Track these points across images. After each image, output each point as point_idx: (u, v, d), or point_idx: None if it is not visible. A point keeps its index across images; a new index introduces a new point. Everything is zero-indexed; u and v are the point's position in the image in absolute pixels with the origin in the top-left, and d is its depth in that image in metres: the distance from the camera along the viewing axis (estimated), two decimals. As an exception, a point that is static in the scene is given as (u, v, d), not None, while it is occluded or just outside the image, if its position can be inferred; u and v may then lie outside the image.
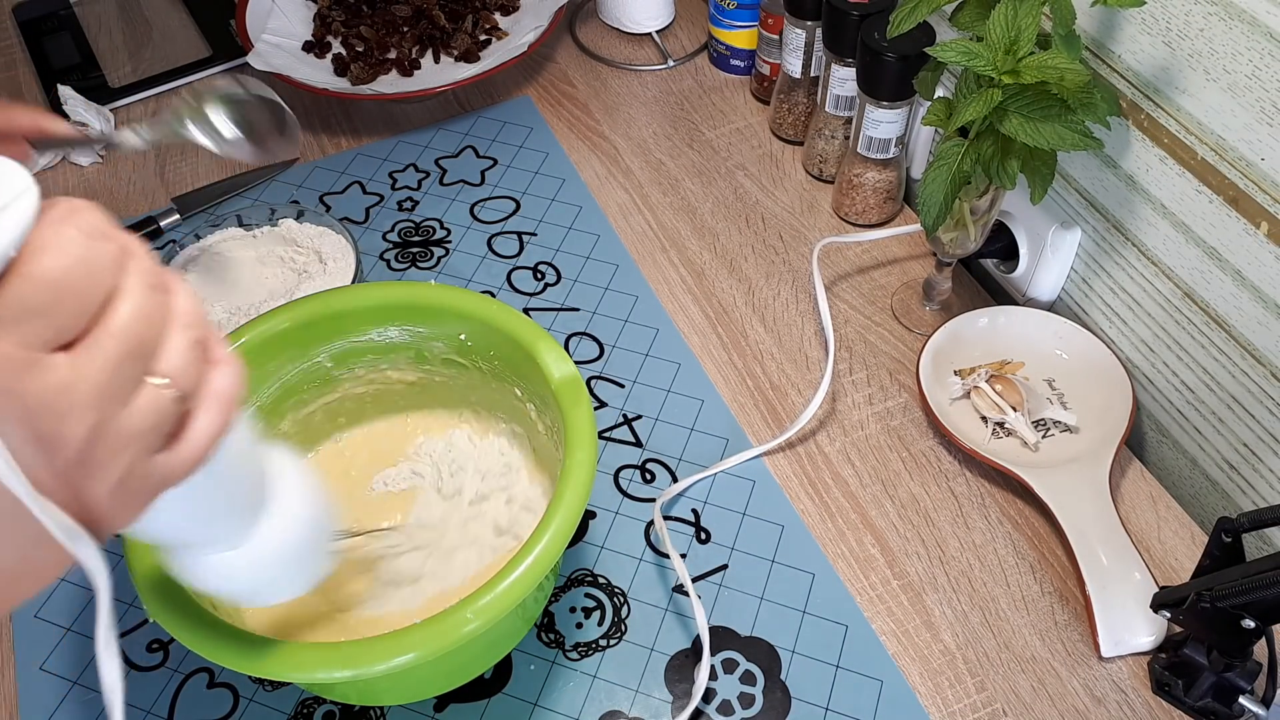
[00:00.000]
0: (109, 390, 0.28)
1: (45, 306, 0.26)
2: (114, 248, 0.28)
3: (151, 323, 0.29)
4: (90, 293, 0.27)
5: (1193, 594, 0.52)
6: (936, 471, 0.68)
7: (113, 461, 0.29)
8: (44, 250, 0.26)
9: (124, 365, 0.28)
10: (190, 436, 0.32)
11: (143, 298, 0.29)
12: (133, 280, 0.29)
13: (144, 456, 0.30)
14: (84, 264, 0.27)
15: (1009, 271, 0.76)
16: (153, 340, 0.29)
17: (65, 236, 0.27)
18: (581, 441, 0.53)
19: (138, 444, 0.29)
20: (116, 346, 0.28)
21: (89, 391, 0.27)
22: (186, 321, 0.31)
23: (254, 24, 0.95)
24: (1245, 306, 0.61)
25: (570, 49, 1.02)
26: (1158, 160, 0.63)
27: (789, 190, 0.87)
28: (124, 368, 0.28)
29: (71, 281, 0.27)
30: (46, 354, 0.26)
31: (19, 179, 0.26)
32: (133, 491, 0.30)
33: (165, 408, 0.30)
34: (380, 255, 0.83)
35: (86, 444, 0.28)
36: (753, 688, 0.59)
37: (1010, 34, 0.56)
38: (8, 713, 0.59)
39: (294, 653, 0.47)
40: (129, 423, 0.29)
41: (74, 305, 0.27)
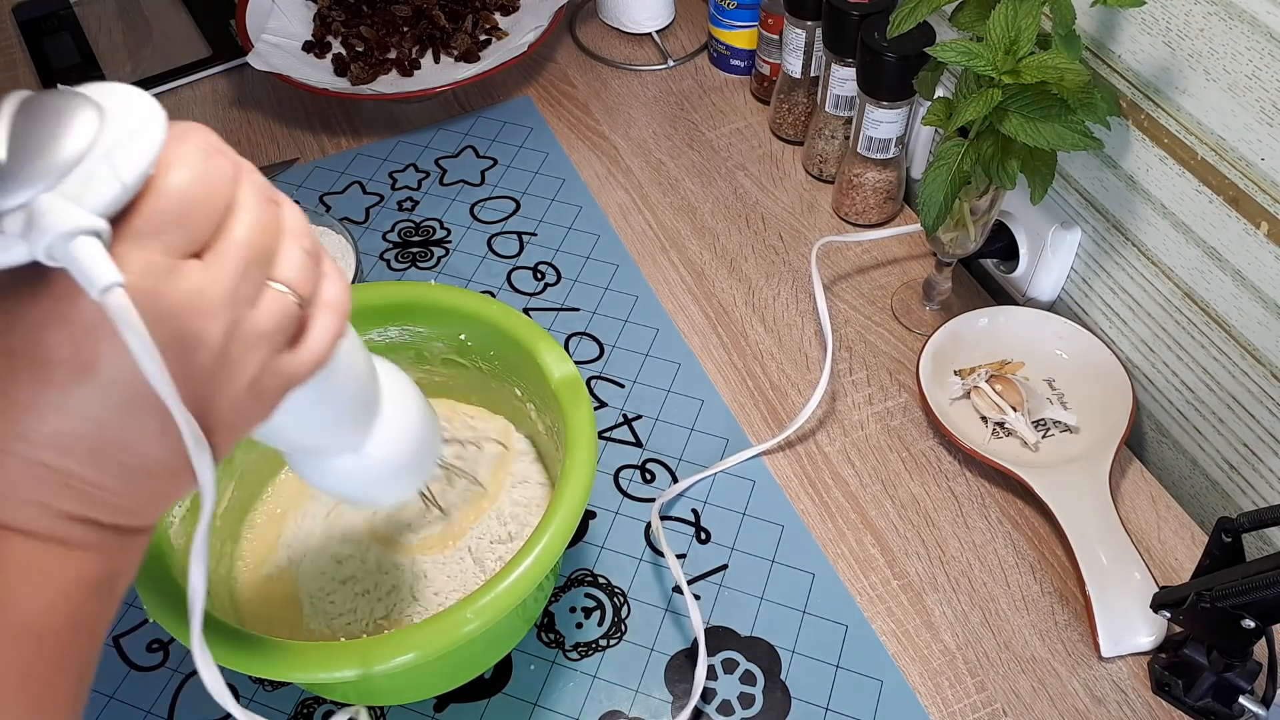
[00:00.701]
0: (239, 292, 0.30)
1: (179, 217, 0.29)
2: (229, 163, 0.31)
3: (269, 232, 0.32)
4: (214, 203, 0.30)
5: (1193, 594, 0.52)
6: (936, 471, 0.68)
7: (247, 359, 0.31)
8: (172, 167, 0.29)
9: (249, 270, 0.31)
10: (311, 338, 0.34)
11: (259, 209, 0.31)
12: (248, 193, 0.31)
13: (273, 356, 0.32)
14: (207, 178, 0.30)
15: (1009, 271, 0.76)
16: (271, 248, 0.32)
17: (188, 153, 0.29)
18: (581, 441, 0.53)
19: (267, 343, 0.32)
20: (241, 253, 0.30)
21: (222, 293, 0.30)
22: (298, 232, 0.33)
23: (254, 24, 0.95)
24: (1245, 306, 0.61)
25: (570, 49, 1.02)
26: (1158, 160, 0.63)
27: (789, 190, 0.87)
28: (249, 272, 0.31)
29: (198, 193, 0.29)
30: (182, 260, 0.29)
31: (148, 104, 0.29)
32: (263, 390, 0.33)
33: (288, 309, 0.33)
34: (380, 255, 0.83)
35: (224, 341, 0.30)
36: (753, 688, 0.59)
37: (1010, 34, 0.56)
38: (8, 713, 0.59)
39: (294, 653, 0.47)
40: (258, 323, 0.31)
41: (202, 215, 0.30)
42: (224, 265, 0.30)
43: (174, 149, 0.29)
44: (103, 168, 0.27)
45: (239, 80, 1.00)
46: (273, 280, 0.32)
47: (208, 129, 0.31)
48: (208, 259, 0.30)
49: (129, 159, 0.28)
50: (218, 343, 0.30)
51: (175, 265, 0.29)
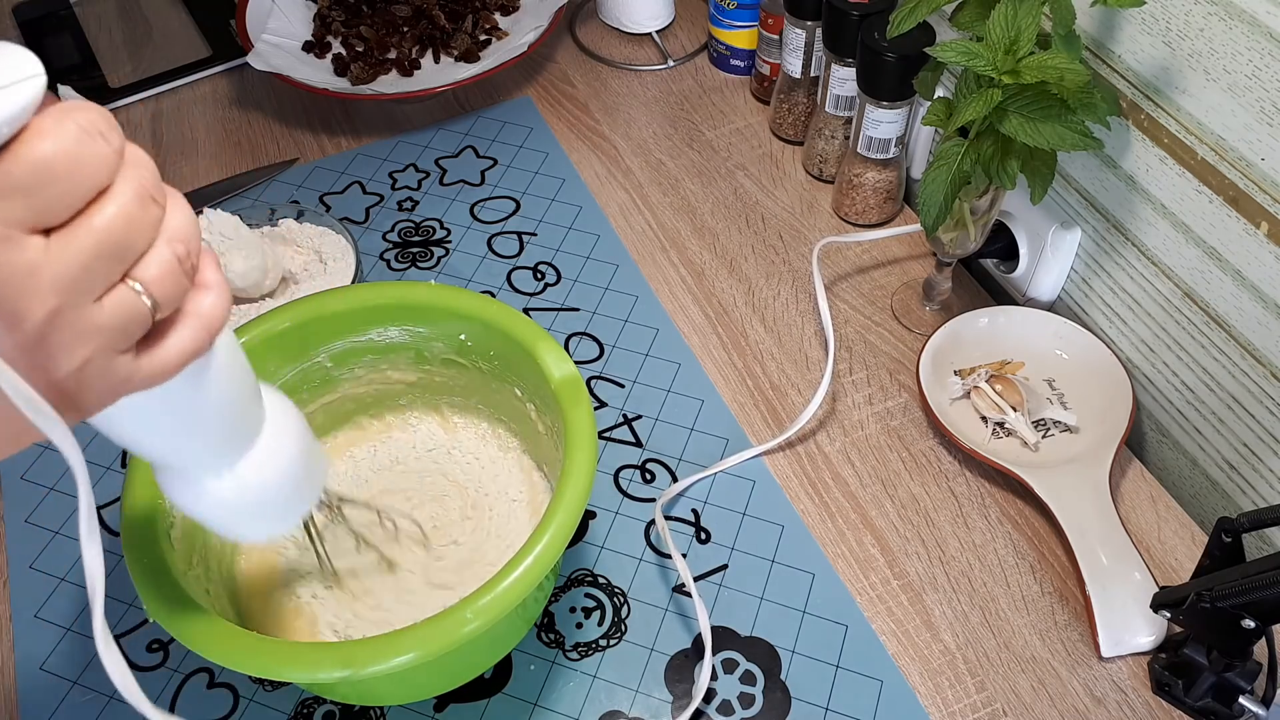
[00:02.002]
0: (78, 281, 0.29)
1: (28, 188, 0.27)
2: (109, 150, 0.29)
3: (135, 227, 0.30)
4: (76, 184, 0.28)
5: (1193, 594, 0.52)
6: (936, 471, 0.68)
7: (71, 349, 0.30)
8: (38, 135, 0.27)
9: (99, 261, 0.29)
10: (162, 346, 0.33)
11: (130, 202, 0.30)
12: (124, 185, 0.30)
13: (108, 353, 0.31)
14: (74, 155, 0.28)
15: (1009, 271, 0.76)
16: (134, 245, 0.30)
17: (61, 127, 0.28)
18: (581, 441, 0.53)
19: (100, 339, 0.30)
20: (93, 241, 0.29)
21: (56, 276, 0.28)
22: (175, 236, 0.32)
23: (254, 24, 0.95)
24: (1245, 306, 0.61)
25: (570, 49, 1.02)
26: (1158, 160, 0.63)
27: (789, 190, 0.87)
28: (98, 264, 0.29)
29: (58, 169, 0.28)
30: (22, 233, 0.28)
31: (29, 64, 0.28)
32: (92, 384, 0.31)
33: (137, 312, 0.31)
34: (380, 255, 0.83)
35: (45, 325, 0.29)
36: (753, 688, 0.59)
37: (1010, 34, 0.56)
38: (8, 713, 0.59)
39: (294, 653, 0.47)
40: (95, 317, 0.30)
41: (57, 193, 0.28)
42: (68, 249, 0.28)
43: (50, 121, 0.28)
44: None
45: (239, 80, 1.00)
46: (130, 279, 0.30)
47: (105, 114, 0.29)
48: (55, 238, 0.28)
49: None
50: (36, 324, 0.28)
51: (10, 236, 0.27)
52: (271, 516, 0.46)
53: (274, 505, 0.45)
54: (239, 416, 0.41)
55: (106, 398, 0.32)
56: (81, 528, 0.32)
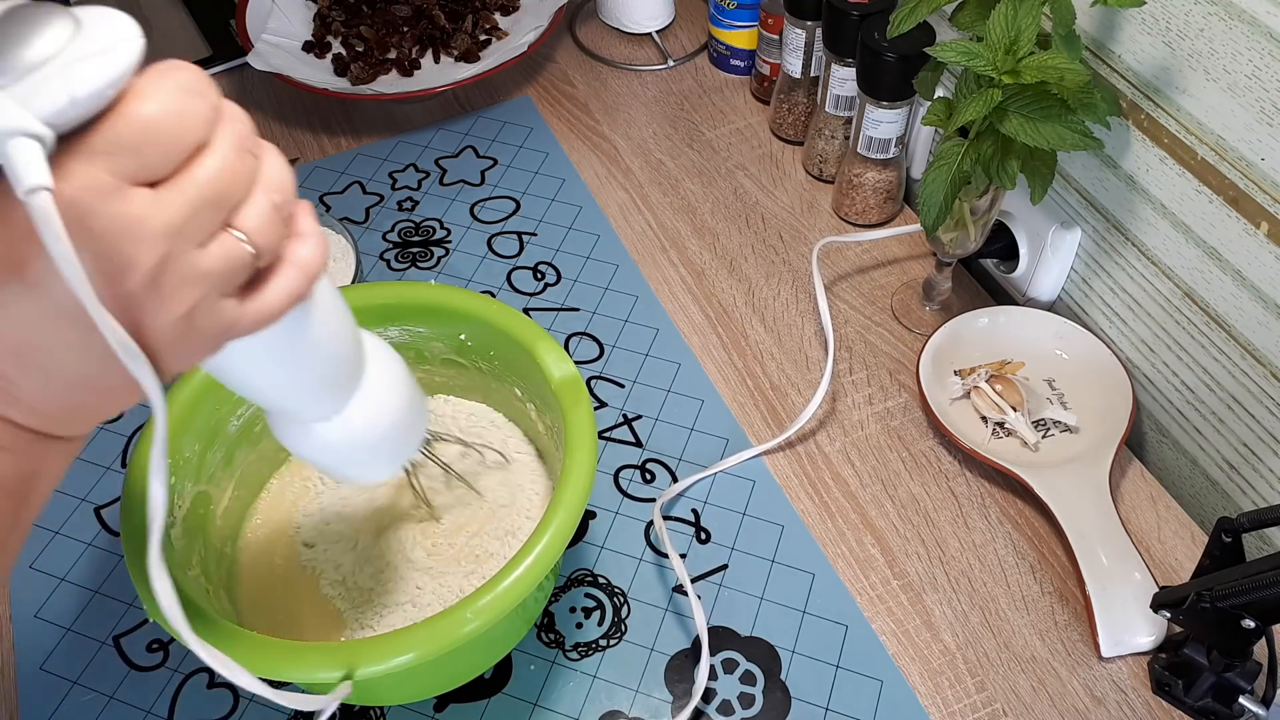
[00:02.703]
0: (184, 229, 0.30)
1: (135, 144, 0.29)
2: (206, 105, 0.31)
3: (235, 178, 0.32)
4: (179, 140, 0.30)
5: (1193, 594, 0.52)
6: (936, 471, 0.68)
7: (179, 293, 0.31)
8: (141, 95, 0.29)
9: (202, 210, 0.31)
10: (264, 292, 0.34)
11: (230, 155, 0.31)
12: (223, 139, 0.31)
13: (213, 298, 0.32)
14: (176, 112, 0.30)
15: (1009, 271, 0.76)
16: (234, 195, 0.32)
17: (162, 86, 0.30)
18: (581, 441, 0.53)
19: (207, 284, 0.32)
20: (197, 191, 0.30)
21: (162, 225, 0.30)
22: (272, 186, 0.33)
23: (254, 24, 0.95)
24: (1245, 306, 0.61)
25: (570, 49, 1.02)
26: (1158, 160, 0.63)
27: (789, 190, 0.87)
28: (202, 213, 0.31)
29: (162, 125, 0.29)
30: (130, 186, 0.29)
31: (127, 27, 0.29)
32: (199, 329, 0.33)
33: (239, 257, 0.32)
34: (380, 255, 0.83)
35: (155, 271, 0.30)
36: (753, 688, 0.59)
37: (1010, 34, 0.56)
38: (8, 713, 0.59)
39: (294, 653, 0.47)
40: (201, 262, 0.31)
41: (161, 148, 0.30)
42: (174, 198, 0.30)
43: (151, 81, 0.30)
44: (57, 78, 0.28)
45: (239, 80, 1.00)
46: (232, 227, 0.32)
47: (198, 70, 0.31)
48: (160, 190, 0.30)
49: (85, 74, 0.28)
50: (148, 269, 0.30)
51: (120, 188, 0.29)
52: (379, 459, 0.48)
53: (381, 448, 0.47)
54: (343, 361, 0.43)
55: (215, 342, 0.34)
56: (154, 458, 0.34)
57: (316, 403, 0.44)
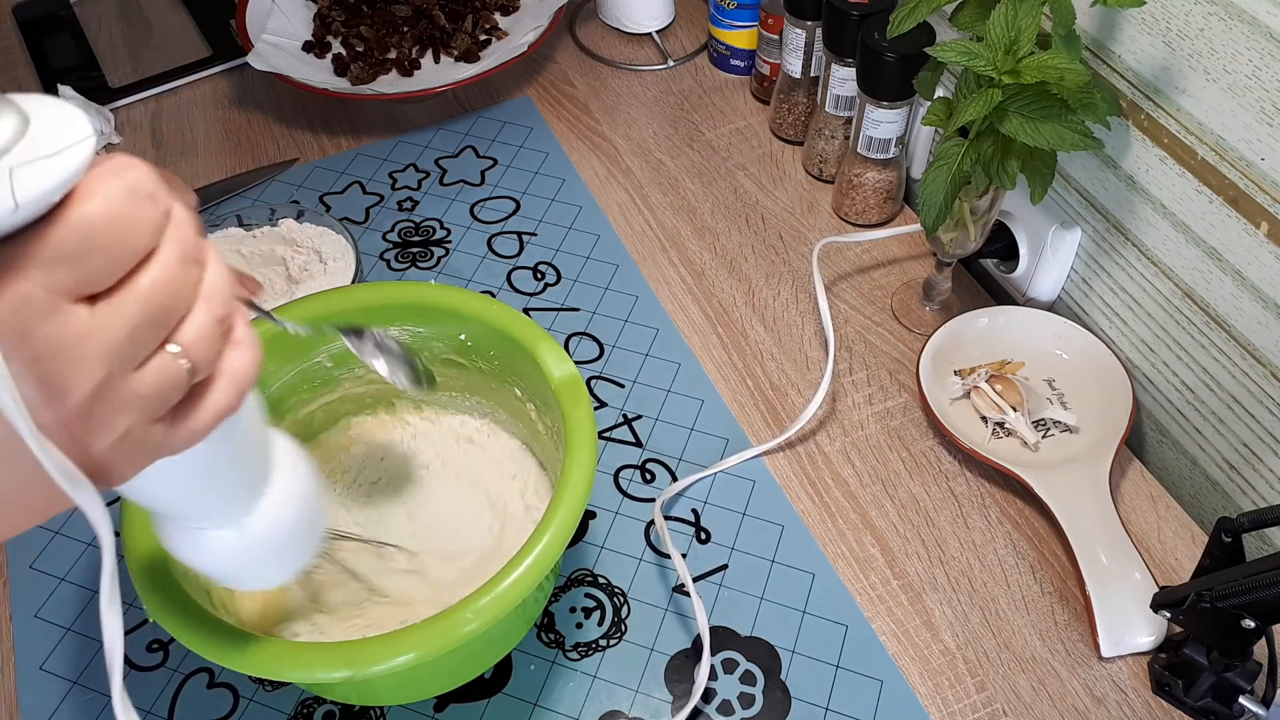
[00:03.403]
0: (123, 350, 0.28)
1: (76, 255, 0.27)
2: (156, 212, 0.29)
3: (178, 293, 0.29)
4: (123, 249, 0.28)
5: (1193, 594, 0.52)
6: (936, 471, 0.68)
7: (114, 420, 0.29)
8: (86, 199, 0.27)
9: (142, 329, 0.29)
10: (197, 410, 0.32)
11: (175, 267, 0.29)
12: (169, 248, 0.29)
13: (146, 421, 0.30)
14: (122, 220, 0.27)
15: (1009, 271, 0.76)
16: (176, 310, 0.30)
17: (110, 190, 0.27)
18: (581, 441, 0.53)
19: (141, 407, 0.30)
20: (139, 309, 0.28)
21: (102, 347, 0.28)
22: (213, 297, 0.31)
23: (254, 24, 0.95)
24: (1245, 306, 0.61)
25: (570, 49, 1.02)
26: (1158, 160, 0.63)
27: (789, 190, 0.87)
28: (142, 331, 0.29)
29: (106, 234, 0.27)
30: (69, 302, 0.27)
31: (80, 128, 0.27)
32: (128, 453, 0.30)
33: (176, 377, 0.30)
34: (380, 255, 0.83)
35: (90, 398, 0.28)
36: (753, 688, 0.59)
37: (1010, 34, 0.56)
38: (8, 713, 0.59)
39: (294, 653, 0.47)
40: (137, 385, 0.29)
41: (104, 259, 0.27)
42: (113, 317, 0.28)
43: (99, 182, 0.27)
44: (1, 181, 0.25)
45: (239, 80, 1.00)
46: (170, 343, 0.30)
47: (150, 169, 0.29)
48: (100, 307, 0.27)
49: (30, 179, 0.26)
50: (83, 396, 0.28)
51: (58, 306, 0.27)
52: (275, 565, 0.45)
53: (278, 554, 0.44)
54: (254, 469, 0.41)
55: (139, 465, 0.32)
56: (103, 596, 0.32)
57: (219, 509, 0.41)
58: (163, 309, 0.29)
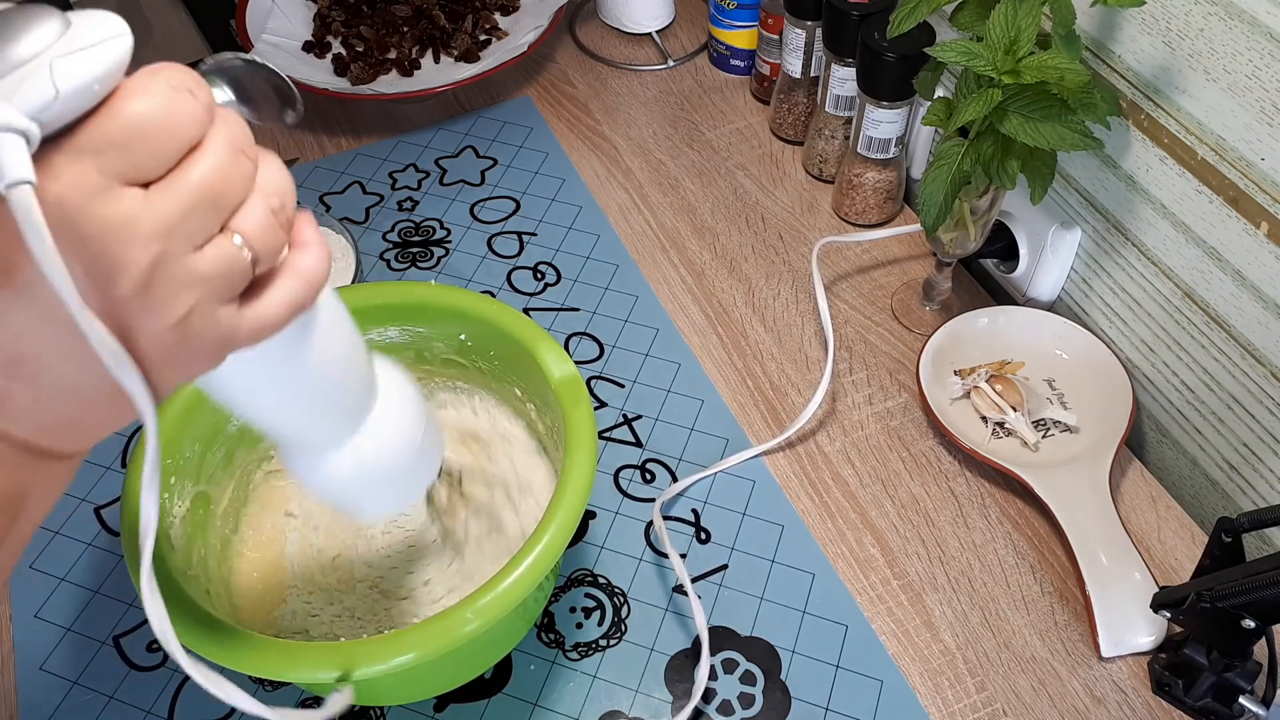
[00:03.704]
0: (178, 230, 0.29)
1: (124, 142, 0.28)
2: (198, 104, 0.30)
3: (230, 179, 0.31)
4: (170, 138, 0.29)
5: (1193, 594, 0.52)
6: (936, 471, 0.68)
7: (173, 298, 0.30)
8: (129, 93, 0.29)
9: (196, 211, 0.30)
10: (265, 299, 0.33)
11: (224, 155, 0.30)
12: (217, 139, 0.30)
13: (211, 303, 0.31)
14: (166, 110, 0.29)
15: (1009, 271, 0.76)
16: (230, 197, 0.31)
17: (152, 84, 0.29)
18: (581, 441, 0.53)
19: (202, 289, 0.31)
20: (190, 191, 0.30)
21: (155, 225, 0.29)
22: (270, 190, 0.32)
23: (254, 24, 0.95)
24: (1245, 306, 0.61)
25: (570, 49, 1.02)
26: (1158, 160, 0.63)
27: (789, 190, 0.87)
28: (196, 214, 0.30)
29: (152, 123, 0.29)
30: (120, 185, 0.28)
31: (115, 24, 0.29)
32: (194, 338, 0.31)
33: (237, 261, 0.31)
34: (380, 255, 0.83)
35: (147, 275, 0.29)
36: (753, 688, 0.59)
37: (1010, 34, 0.56)
38: (8, 713, 0.59)
39: (294, 653, 0.47)
40: (196, 264, 0.30)
41: (152, 146, 0.29)
42: (167, 199, 0.29)
43: (141, 79, 0.29)
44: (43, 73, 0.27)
45: (239, 80, 1.00)
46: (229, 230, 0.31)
47: (189, 70, 0.30)
48: (153, 190, 0.29)
49: (70, 69, 0.27)
50: (140, 272, 0.29)
51: (109, 187, 0.28)
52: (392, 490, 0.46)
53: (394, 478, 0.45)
54: (350, 383, 0.41)
55: (213, 353, 0.33)
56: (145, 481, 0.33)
57: (324, 428, 0.42)
58: (215, 194, 0.30)
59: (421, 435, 0.46)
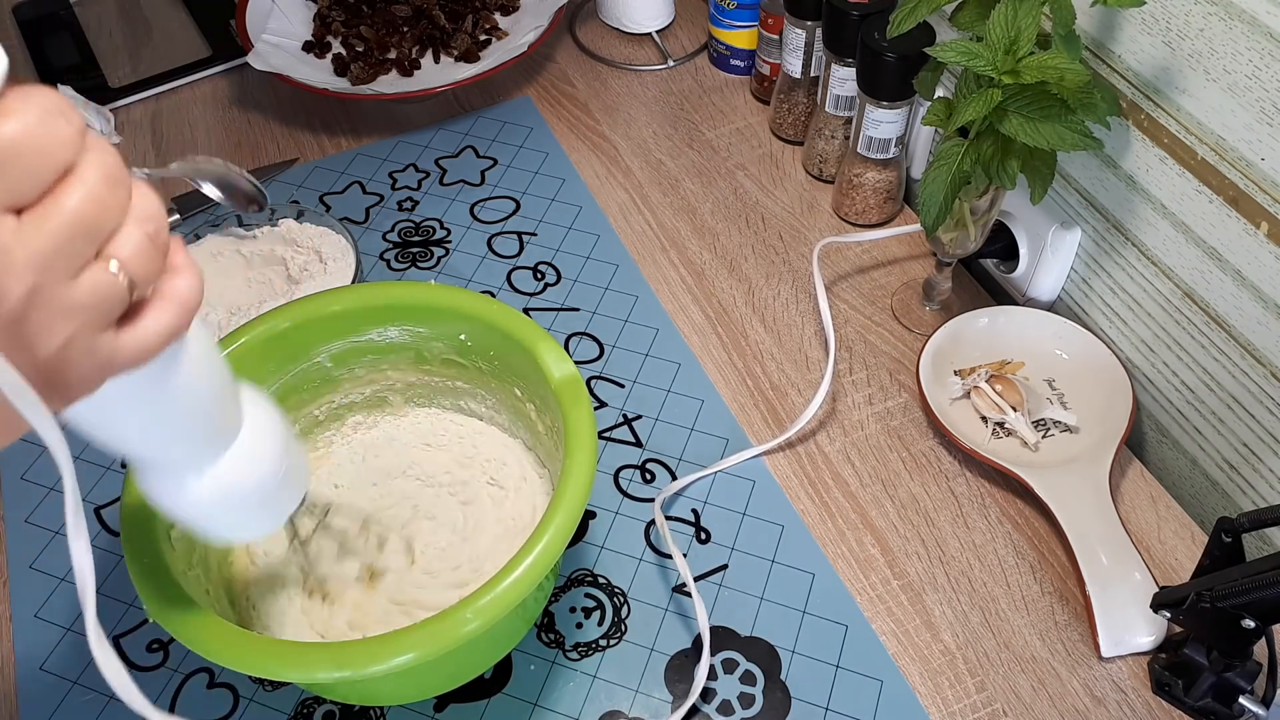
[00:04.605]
0: (52, 260, 0.29)
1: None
2: (70, 128, 0.29)
3: (104, 207, 0.30)
4: (41, 162, 0.29)
5: (1193, 594, 0.52)
6: (936, 471, 0.68)
7: (53, 327, 0.30)
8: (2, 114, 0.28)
9: (71, 240, 0.29)
10: (141, 324, 0.33)
11: (97, 182, 0.30)
12: (90, 166, 0.30)
13: (89, 331, 0.31)
14: (37, 133, 0.28)
15: (1009, 271, 0.76)
16: (105, 224, 0.31)
17: (24, 109, 0.28)
18: (581, 441, 0.53)
19: (81, 317, 0.30)
20: (64, 220, 0.29)
21: (30, 255, 0.28)
22: (143, 216, 0.32)
23: (254, 24, 0.95)
24: (1245, 306, 0.61)
25: (570, 49, 1.02)
26: (1158, 160, 0.63)
27: (789, 190, 0.87)
28: (71, 243, 0.29)
29: (22, 149, 0.28)
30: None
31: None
32: (74, 363, 0.31)
33: (114, 289, 0.31)
34: (380, 255, 0.83)
35: (24, 304, 0.29)
36: (753, 688, 0.59)
37: (1010, 34, 0.56)
38: (8, 713, 0.59)
39: (294, 653, 0.47)
40: (73, 294, 0.30)
41: (22, 171, 0.28)
42: (41, 226, 0.29)
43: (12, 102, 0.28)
44: None
45: (239, 80, 1.00)
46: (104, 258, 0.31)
47: (62, 96, 0.30)
48: (25, 219, 0.29)
49: None
50: (15, 303, 0.29)
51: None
52: (252, 517, 0.46)
53: (254, 505, 0.45)
54: (216, 409, 0.41)
55: (91, 379, 0.33)
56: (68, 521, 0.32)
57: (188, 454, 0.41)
58: (90, 221, 0.30)
59: (284, 465, 0.45)
